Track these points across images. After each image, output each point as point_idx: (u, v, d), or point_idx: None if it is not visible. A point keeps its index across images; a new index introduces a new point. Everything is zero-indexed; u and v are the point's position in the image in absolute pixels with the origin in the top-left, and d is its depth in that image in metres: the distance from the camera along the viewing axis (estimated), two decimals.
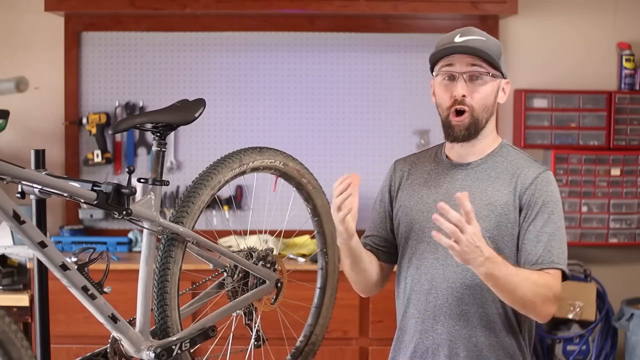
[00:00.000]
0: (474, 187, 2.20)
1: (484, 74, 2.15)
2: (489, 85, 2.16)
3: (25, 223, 1.64)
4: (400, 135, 4.26)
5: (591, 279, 4.22)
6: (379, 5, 3.96)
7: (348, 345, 3.78)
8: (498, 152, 2.25)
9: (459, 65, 2.14)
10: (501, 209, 2.16)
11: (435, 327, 2.18)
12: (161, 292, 1.94)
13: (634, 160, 4.18)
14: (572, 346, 4.14)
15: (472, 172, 2.22)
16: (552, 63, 4.29)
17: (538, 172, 2.19)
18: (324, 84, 4.27)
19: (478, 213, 2.14)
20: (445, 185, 2.23)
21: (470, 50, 2.13)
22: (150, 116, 1.98)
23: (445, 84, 2.17)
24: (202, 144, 4.26)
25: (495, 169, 2.22)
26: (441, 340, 2.17)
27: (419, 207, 2.23)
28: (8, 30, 4.19)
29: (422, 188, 2.26)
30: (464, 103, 2.14)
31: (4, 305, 3.50)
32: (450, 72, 2.15)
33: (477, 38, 2.15)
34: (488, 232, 2.14)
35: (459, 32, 2.17)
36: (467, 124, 2.16)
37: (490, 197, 2.17)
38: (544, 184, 2.17)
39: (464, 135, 2.17)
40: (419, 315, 2.21)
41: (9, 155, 3.92)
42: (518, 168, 2.21)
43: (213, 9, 3.98)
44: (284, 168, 2.27)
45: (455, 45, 2.14)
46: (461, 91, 2.13)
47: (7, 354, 1.52)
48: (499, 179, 2.20)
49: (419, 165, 2.32)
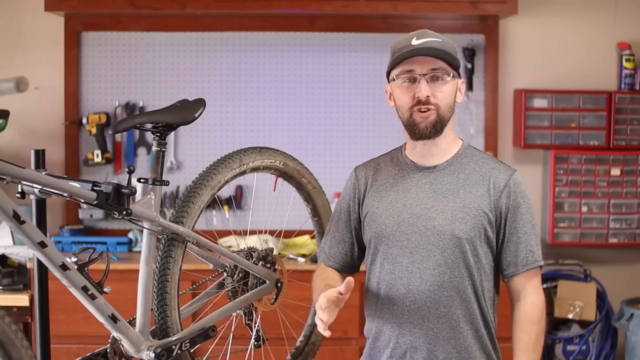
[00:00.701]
0: (444, 189, 2.20)
1: (445, 75, 2.16)
2: (449, 85, 2.18)
3: (25, 223, 1.64)
4: (400, 135, 4.23)
5: (591, 279, 4.22)
6: (379, 5, 3.96)
7: (348, 345, 3.79)
8: (462, 154, 2.25)
9: (419, 67, 2.15)
10: (476, 211, 2.18)
11: (413, 330, 2.18)
12: (161, 292, 1.94)
13: (634, 160, 4.18)
14: (572, 346, 4.14)
15: (440, 174, 2.22)
16: (552, 63, 4.28)
17: (509, 174, 2.22)
18: (324, 84, 4.27)
19: (454, 215, 2.16)
20: (413, 189, 2.22)
21: (433, 52, 2.14)
22: (150, 116, 1.98)
23: (406, 86, 2.18)
24: (202, 144, 4.26)
25: (463, 171, 2.23)
26: (419, 343, 2.17)
27: (389, 212, 2.21)
28: (8, 30, 4.19)
29: (390, 193, 2.24)
30: (428, 103, 2.15)
31: (4, 305, 3.50)
32: (411, 75, 2.17)
33: (435, 39, 2.17)
34: (465, 234, 2.16)
35: (414, 35, 2.19)
36: (434, 121, 2.17)
37: (463, 200, 2.18)
38: (517, 185, 2.21)
39: (430, 132, 2.18)
40: (394, 320, 2.20)
41: (9, 155, 3.92)
42: (488, 170, 2.22)
43: (213, 9, 3.98)
44: (284, 168, 2.27)
45: (416, 47, 2.15)
46: (425, 92, 2.14)
47: (7, 354, 1.52)
48: (469, 181, 2.21)
49: (382, 170, 2.31)
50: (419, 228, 2.17)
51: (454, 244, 2.15)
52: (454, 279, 2.15)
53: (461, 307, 2.16)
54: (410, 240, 2.17)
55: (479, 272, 2.18)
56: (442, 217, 2.16)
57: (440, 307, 2.15)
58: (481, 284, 2.18)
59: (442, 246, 2.15)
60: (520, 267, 2.20)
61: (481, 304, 2.19)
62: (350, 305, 2.36)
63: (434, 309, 2.15)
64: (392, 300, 2.19)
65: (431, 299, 2.16)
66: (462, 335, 2.17)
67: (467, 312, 2.17)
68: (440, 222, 2.16)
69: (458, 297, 2.16)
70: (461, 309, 2.16)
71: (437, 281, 2.15)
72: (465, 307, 2.17)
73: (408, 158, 2.28)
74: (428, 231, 2.16)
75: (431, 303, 2.15)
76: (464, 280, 2.16)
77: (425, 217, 2.16)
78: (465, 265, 2.16)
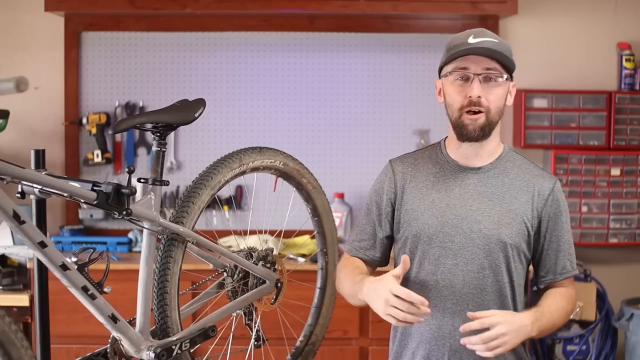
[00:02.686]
0: (489, 192, 2.19)
1: (498, 76, 2.13)
2: (501, 88, 2.15)
3: (25, 223, 1.64)
4: (400, 135, 4.26)
5: (591, 279, 4.22)
6: (379, 5, 3.96)
7: (348, 345, 3.79)
8: (506, 157, 2.25)
9: (474, 67, 2.12)
10: (521, 218, 2.17)
11: (453, 334, 2.16)
12: (161, 292, 1.94)
13: (634, 160, 4.18)
14: (572, 346, 4.14)
15: (484, 176, 2.21)
16: (552, 63, 4.29)
17: (552, 182, 2.22)
18: (324, 84, 4.27)
19: (501, 220, 2.16)
20: (456, 189, 2.20)
21: (489, 52, 2.11)
22: (150, 116, 1.98)
23: (459, 84, 2.14)
24: (202, 144, 4.26)
25: (507, 175, 2.21)
26: (459, 347, 2.14)
27: (431, 212, 2.19)
28: (8, 30, 4.19)
29: (432, 191, 2.21)
30: (479, 104, 2.12)
31: (4, 305, 3.50)
32: (464, 73, 2.13)
33: (491, 40, 2.14)
34: (511, 239, 2.16)
35: (472, 33, 2.15)
36: (482, 124, 2.14)
37: (509, 205, 2.18)
38: (559, 194, 2.22)
39: (478, 135, 2.15)
40: (435, 322, 2.18)
41: (9, 155, 3.92)
42: (532, 177, 2.22)
43: (213, 9, 3.98)
44: (284, 168, 2.27)
45: (472, 46, 2.12)
46: (477, 92, 2.11)
47: (7, 354, 1.52)
48: (513, 186, 2.20)
49: (421, 167, 2.27)
50: (463, 230, 2.15)
51: (499, 249, 2.15)
52: (496, 284, 2.16)
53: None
54: (454, 242, 2.16)
55: (518, 277, 2.19)
56: (489, 221, 2.15)
57: (482, 311, 2.15)
58: (519, 289, 2.20)
59: (488, 250, 2.14)
60: (559, 275, 2.22)
61: (517, 309, 2.19)
62: (350, 305, 2.36)
63: (476, 312, 2.15)
64: (432, 302, 2.16)
65: (474, 302, 2.15)
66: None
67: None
68: (486, 226, 2.15)
69: (499, 301, 2.16)
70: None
71: (481, 284, 2.15)
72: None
73: (450, 157, 2.25)
74: (473, 234, 2.15)
75: (473, 306, 2.15)
76: (505, 285, 2.17)
77: (471, 220, 2.15)
78: (508, 270, 2.16)
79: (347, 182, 4.27)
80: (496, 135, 2.22)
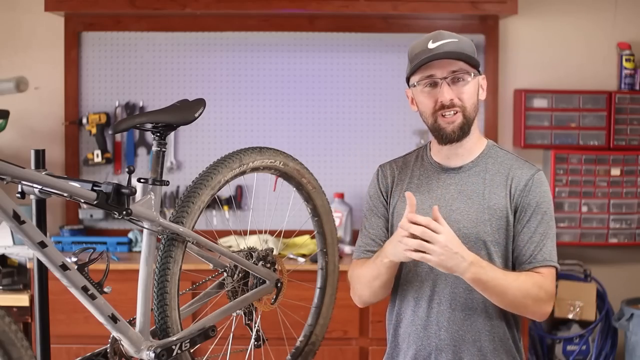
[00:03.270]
0: (469, 190, 2.19)
1: (465, 75, 2.14)
2: (471, 84, 2.15)
3: (25, 223, 1.64)
4: (400, 135, 4.26)
5: (591, 279, 4.22)
6: (379, 5, 3.96)
7: (348, 345, 3.78)
8: (487, 154, 2.24)
9: (439, 72, 2.13)
10: (500, 212, 2.17)
11: (438, 333, 2.17)
12: (161, 292, 1.94)
13: (634, 160, 4.18)
14: (572, 346, 4.14)
15: (465, 175, 2.21)
16: (552, 63, 4.29)
17: (531, 173, 2.19)
18: (324, 84, 4.27)
19: (480, 217, 2.16)
20: (438, 190, 2.21)
21: (451, 55, 2.11)
22: (150, 116, 1.98)
23: (428, 91, 2.15)
24: (202, 144, 4.26)
25: (488, 172, 2.21)
26: (444, 346, 2.17)
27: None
28: (8, 30, 4.19)
29: (415, 194, 2.20)
30: (453, 106, 2.13)
31: (4, 305, 3.49)
32: (431, 80, 2.14)
33: (451, 41, 2.14)
34: (490, 236, 2.15)
35: (430, 38, 2.16)
36: (461, 123, 2.15)
37: (488, 201, 2.17)
38: (538, 184, 2.18)
39: (458, 135, 2.16)
40: (419, 322, 2.19)
41: (9, 155, 3.92)
42: (510, 169, 2.21)
43: (213, 9, 3.98)
44: (284, 168, 2.27)
45: (433, 52, 2.12)
46: (448, 96, 2.12)
47: (7, 354, 1.52)
48: (493, 182, 2.20)
49: (406, 170, 2.29)
50: None
51: (479, 247, 2.14)
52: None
53: (487, 310, 2.16)
54: None
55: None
56: (467, 220, 2.15)
57: (466, 310, 2.15)
58: None
59: (468, 248, 2.12)
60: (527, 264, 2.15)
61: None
62: (350, 305, 2.37)
63: (459, 311, 2.15)
64: (418, 302, 2.18)
65: (456, 301, 2.15)
66: (488, 337, 2.17)
67: (492, 314, 2.17)
68: (465, 225, 2.15)
69: (483, 299, 2.15)
70: (486, 312, 2.16)
71: (463, 283, 2.14)
72: (490, 310, 2.16)
73: (433, 159, 2.26)
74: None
75: (456, 306, 2.15)
76: None
77: (450, 220, 2.14)
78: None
79: (347, 182, 4.27)
80: (474, 132, 2.22)
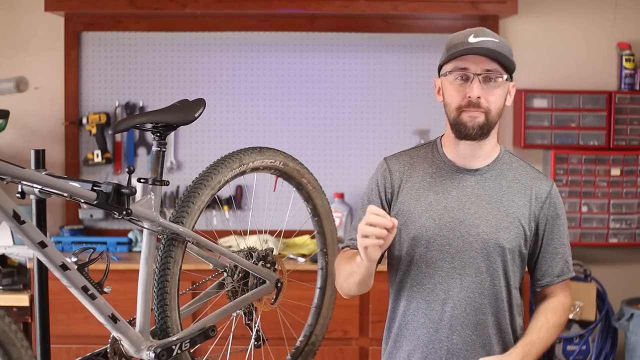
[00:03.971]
0: (486, 195, 2.17)
1: (498, 77, 2.11)
2: (501, 88, 2.13)
3: (25, 223, 1.64)
4: (400, 135, 4.25)
5: (591, 279, 4.22)
6: (379, 5, 3.96)
7: (348, 345, 3.78)
8: (502, 159, 2.23)
9: (474, 67, 2.10)
10: (519, 222, 2.16)
11: (451, 337, 2.16)
12: (161, 292, 1.94)
13: (634, 160, 4.18)
14: (572, 346, 4.14)
15: (482, 178, 2.19)
16: (552, 63, 4.29)
17: (549, 185, 2.22)
18: (324, 84, 4.27)
19: (499, 224, 2.15)
20: (454, 191, 2.18)
21: (489, 53, 2.08)
22: (150, 116, 1.98)
23: (459, 83, 2.12)
24: (202, 144, 4.26)
25: (505, 178, 2.20)
26: (456, 350, 2.16)
27: (429, 214, 2.16)
28: (8, 30, 4.19)
29: (428, 193, 2.19)
30: (478, 105, 2.10)
31: (4, 305, 3.49)
32: (464, 73, 2.11)
33: (492, 40, 2.11)
34: (509, 243, 2.15)
35: (472, 33, 2.12)
36: (481, 123, 2.12)
37: (507, 208, 2.16)
38: (556, 197, 2.22)
39: (476, 134, 2.13)
40: (431, 325, 2.17)
41: (9, 155, 3.92)
42: (529, 179, 2.21)
43: (213, 9, 3.98)
44: (284, 168, 2.27)
45: (472, 46, 2.09)
46: (477, 92, 2.09)
47: (7, 354, 1.52)
48: (511, 189, 2.19)
49: (417, 166, 2.24)
50: (461, 233, 2.14)
51: (497, 253, 2.14)
52: (492, 287, 2.15)
53: (496, 315, 2.17)
54: (451, 245, 2.14)
55: (515, 281, 2.19)
56: (487, 225, 2.14)
57: (479, 315, 2.15)
58: (515, 292, 2.19)
59: (486, 254, 2.13)
60: (556, 277, 2.22)
61: (512, 312, 2.20)
62: (350, 306, 2.37)
63: (473, 316, 2.15)
64: (430, 305, 2.17)
65: (471, 306, 2.15)
66: (497, 343, 2.18)
67: (501, 320, 2.18)
68: (484, 230, 2.14)
69: (495, 305, 2.16)
70: (496, 317, 2.17)
71: (478, 288, 2.14)
72: (500, 315, 2.18)
73: (447, 157, 2.23)
74: (471, 237, 2.14)
75: (471, 310, 2.15)
76: (502, 289, 2.16)
77: (468, 223, 2.14)
78: (505, 275, 2.16)
79: (347, 182, 4.27)
80: (494, 137, 2.21)
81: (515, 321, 2.21)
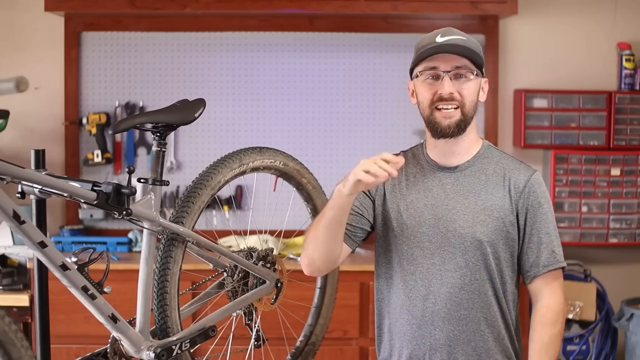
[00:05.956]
0: (465, 191, 2.19)
1: (468, 72, 2.14)
2: (473, 83, 2.16)
3: (25, 223, 1.64)
4: (400, 135, 4.25)
5: (591, 279, 4.22)
6: (379, 5, 3.96)
7: (348, 345, 3.78)
8: (483, 154, 2.24)
9: (443, 65, 2.13)
10: (497, 213, 2.17)
11: (433, 333, 2.17)
12: (161, 292, 1.94)
13: (634, 160, 4.18)
14: (572, 346, 4.14)
15: (461, 175, 2.21)
16: (552, 63, 4.28)
17: (528, 174, 2.21)
18: (324, 84, 4.27)
19: (475, 218, 2.16)
20: (434, 188, 2.21)
21: (457, 49, 2.12)
22: (150, 116, 1.98)
23: (429, 82, 2.16)
24: (202, 144, 4.26)
25: (484, 172, 2.21)
26: (439, 345, 2.17)
27: (409, 212, 2.20)
28: (8, 30, 4.19)
29: (411, 192, 2.22)
30: (452, 99, 2.13)
31: (4, 305, 3.50)
32: (434, 72, 2.14)
33: (459, 37, 2.15)
34: (486, 236, 2.15)
35: (439, 33, 2.17)
36: (458, 120, 2.15)
37: (485, 202, 2.18)
38: (537, 185, 2.20)
39: (453, 131, 2.15)
40: (414, 321, 2.19)
41: (9, 155, 3.92)
42: (507, 171, 2.21)
43: (213, 9, 3.98)
44: (284, 168, 2.27)
45: (440, 44, 2.13)
46: (448, 89, 2.12)
47: (7, 354, 1.52)
48: (489, 182, 2.20)
49: (404, 167, 2.26)
50: (439, 229, 2.16)
51: (475, 247, 2.15)
52: (474, 282, 2.16)
53: (482, 310, 2.17)
54: (431, 242, 2.16)
55: (500, 274, 2.18)
56: (463, 219, 2.15)
57: (461, 310, 2.16)
58: (502, 286, 2.19)
59: (464, 248, 2.14)
60: (542, 268, 2.19)
61: (502, 306, 2.19)
62: (350, 305, 2.37)
63: (454, 311, 2.15)
64: (412, 302, 2.18)
65: (452, 301, 2.15)
66: (483, 337, 2.17)
67: (487, 314, 2.17)
68: (461, 224, 2.15)
69: (479, 299, 2.16)
70: (482, 312, 2.17)
71: (458, 283, 2.15)
72: (486, 310, 2.17)
73: (429, 156, 2.25)
74: (449, 233, 2.15)
75: (452, 305, 2.15)
76: (484, 282, 2.16)
77: (446, 219, 2.15)
78: (486, 268, 2.16)
79: None
80: (472, 131, 2.22)
81: (507, 315, 2.20)
